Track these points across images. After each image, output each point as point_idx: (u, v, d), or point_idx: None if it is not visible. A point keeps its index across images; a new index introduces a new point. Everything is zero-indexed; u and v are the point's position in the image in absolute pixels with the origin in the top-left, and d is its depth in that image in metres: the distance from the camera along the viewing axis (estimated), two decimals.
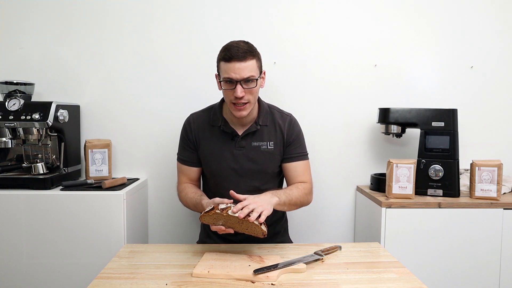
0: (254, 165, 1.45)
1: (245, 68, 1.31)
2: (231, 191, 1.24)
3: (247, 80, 1.32)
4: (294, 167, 1.48)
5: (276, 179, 1.54)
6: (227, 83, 1.33)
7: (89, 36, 1.86)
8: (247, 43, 1.37)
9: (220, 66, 1.36)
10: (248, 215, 1.15)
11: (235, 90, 1.31)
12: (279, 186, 1.59)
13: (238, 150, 1.44)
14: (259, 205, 1.18)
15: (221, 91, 1.42)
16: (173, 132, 1.84)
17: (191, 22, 1.88)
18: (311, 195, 1.48)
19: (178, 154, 1.54)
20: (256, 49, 1.38)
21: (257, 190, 1.44)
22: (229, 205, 1.19)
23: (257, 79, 1.35)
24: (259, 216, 1.16)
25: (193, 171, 1.52)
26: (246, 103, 1.36)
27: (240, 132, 1.45)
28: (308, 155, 1.54)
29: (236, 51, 1.30)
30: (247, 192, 1.40)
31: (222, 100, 1.50)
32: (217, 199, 1.25)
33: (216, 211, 1.16)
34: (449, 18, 1.94)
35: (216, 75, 1.43)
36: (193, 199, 1.40)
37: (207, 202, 1.30)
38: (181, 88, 1.89)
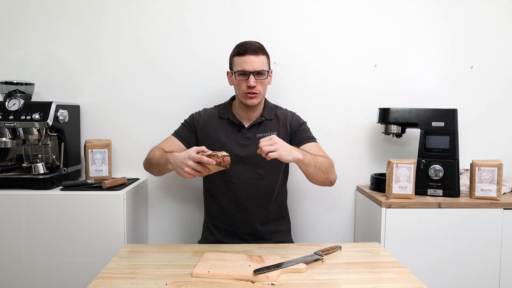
0: (259, 154, 1.47)
1: (258, 61, 1.45)
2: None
3: (259, 73, 1.46)
4: (308, 148, 1.49)
5: (280, 169, 1.58)
6: (241, 75, 1.46)
7: (89, 36, 1.86)
8: (258, 42, 1.51)
9: (233, 62, 1.49)
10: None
11: (248, 80, 1.44)
12: (284, 178, 1.64)
13: (244, 141, 1.52)
14: (279, 147, 1.25)
15: (232, 86, 1.53)
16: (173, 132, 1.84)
17: (191, 22, 1.88)
18: (334, 170, 1.48)
19: (175, 130, 1.60)
20: (266, 49, 1.51)
21: (260, 178, 1.53)
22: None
23: (267, 72, 1.49)
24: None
25: (179, 146, 1.55)
26: (257, 93, 1.46)
27: (246, 125, 1.54)
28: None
29: (250, 46, 1.46)
30: (250, 179, 1.52)
31: (231, 99, 1.61)
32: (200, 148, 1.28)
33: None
34: (449, 18, 1.94)
35: (227, 72, 1.56)
36: (163, 153, 1.40)
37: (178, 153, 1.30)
38: (181, 88, 1.89)
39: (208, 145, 1.52)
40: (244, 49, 1.45)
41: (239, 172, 1.50)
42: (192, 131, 1.58)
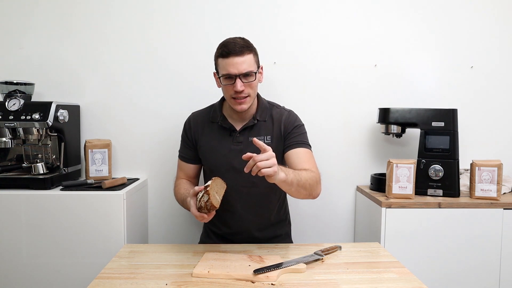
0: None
1: (243, 63, 1.32)
2: (254, 139, 1.18)
3: (246, 75, 1.34)
4: (296, 154, 1.40)
5: None
6: (227, 78, 1.35)
7: (89, 36, 1.86)
8: (243, 38, 1.39)
9: (218, 63, 1.38)
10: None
11: (235, 85, 1.33)
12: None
13: (235, 146, 1.44)
14: (275, 163, 1.12)
15: (221, 88, 1.44)
16: (173, 132, 1.84)
17: (191, 22, 1.88)
18: (319, 185, 1.36)
19: (179, 151, 1.58)
20: (252, 44, 1.40)
21: (254, 186, 1.45)
22: (202, 191, 1.18)
23: (255, 73, 1.37)
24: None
25: (190, 168, 1.55)
26: (246, 97, 1.37)
27: (238, 127, 1.46)
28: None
29: (233, 47, 1.32)
30: (244, 188, 1.44)
31: (222, 99, 1.53)
32: (193, 191, 1.23)
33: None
34: (449, 18, 1.94)
35: (214, 73, 1.46)
36: (183, 195, 1.40)
37: (188, 200, 1.26)
38: (181, 88, 1.89)
39: (202, 151, 1.50)
40: (227, 50, 1.32)
41: (232, 180, 1.39)
42: (190, 146, 1.52)
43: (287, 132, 1.45)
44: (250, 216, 1.49)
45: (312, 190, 1.32)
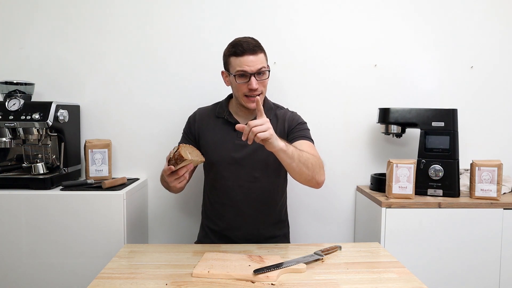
0: (255, 155, 1.45)
1: (257, 61, 1.37)
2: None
3: (260, 72, 1.38)
4: (299, 144, 1.40)
5: (278, 172, 1.51)
6: (241, 76, 1.38)
7: (89, 36, 1.86)
8: (253, 38, 1.43)
9: (230, 62, 1.40)
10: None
11: (250, 83, 1.36)
12: (283, 181, 1.58)
13: (239, 141, 1.45)
14: (270, 127, 1.16)
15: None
16: (173, 132, 1.84)
17: (191, 22, 1.88)
18: (323, 172, 1.35)
19: (179, 143, 1.57)
20: (261, 44, 1.44)
21: (257, 181, 1.47)
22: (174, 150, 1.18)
23: (268, 71, 1.41)
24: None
25: None
26: (259, 94, 1.40)
27: (243, 123, 1.46)
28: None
29: (247, 45, 1.37)
30: (246, 182, 1.46)
31: (229, 96, 1.56)
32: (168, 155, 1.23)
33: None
34: (449, 18, 1.94)
35: (222, 72, 1.48)
36: (161, 174, 1.38)
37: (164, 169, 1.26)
38: (181, 88, 1.89)
39: (205, 145, 1.51)
40: (242, 49, 1.36)
41: (234, 174, 1.44)
42: (191, 140, 1.54)
43: (290, 128, 1.49)
44: (250, 211, 1.49)
45: (315, 172, 1.30)
